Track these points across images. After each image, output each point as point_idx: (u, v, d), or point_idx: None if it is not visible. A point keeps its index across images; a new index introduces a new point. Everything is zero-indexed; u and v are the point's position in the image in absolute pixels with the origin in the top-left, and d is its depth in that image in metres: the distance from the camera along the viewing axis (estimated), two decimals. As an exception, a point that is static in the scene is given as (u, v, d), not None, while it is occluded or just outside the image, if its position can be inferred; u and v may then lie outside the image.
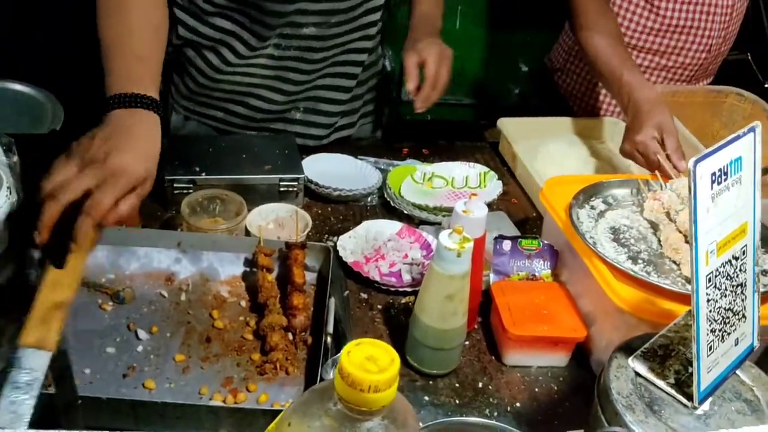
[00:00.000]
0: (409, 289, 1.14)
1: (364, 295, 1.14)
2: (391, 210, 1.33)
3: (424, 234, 1.24)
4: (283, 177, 1.26)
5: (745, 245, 0.72)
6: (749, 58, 3.18)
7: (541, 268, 1.14)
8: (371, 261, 1.19)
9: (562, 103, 1.73)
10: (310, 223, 1.20)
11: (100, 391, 0.90)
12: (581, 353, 1.06)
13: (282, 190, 1.26)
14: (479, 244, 1.01)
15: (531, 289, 1.10)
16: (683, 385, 0.73)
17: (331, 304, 1.01)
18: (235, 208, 1.16)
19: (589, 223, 1.09)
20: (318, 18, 1.33)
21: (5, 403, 0.67)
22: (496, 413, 0.97)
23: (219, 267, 1.11)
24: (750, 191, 0.71)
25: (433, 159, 1.48)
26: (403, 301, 1.14)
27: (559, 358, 1.05)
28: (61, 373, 0.77)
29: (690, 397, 0.71)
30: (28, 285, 0.86)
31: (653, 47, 1.55)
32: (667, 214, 1.08)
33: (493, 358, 1.06)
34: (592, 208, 1.13)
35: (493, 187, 1.36)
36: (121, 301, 1.04)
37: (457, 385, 1.01)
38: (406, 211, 1.30)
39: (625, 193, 1.17)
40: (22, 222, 0.96)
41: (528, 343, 1.03)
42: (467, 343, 1.07)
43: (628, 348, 0.78)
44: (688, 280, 0.95)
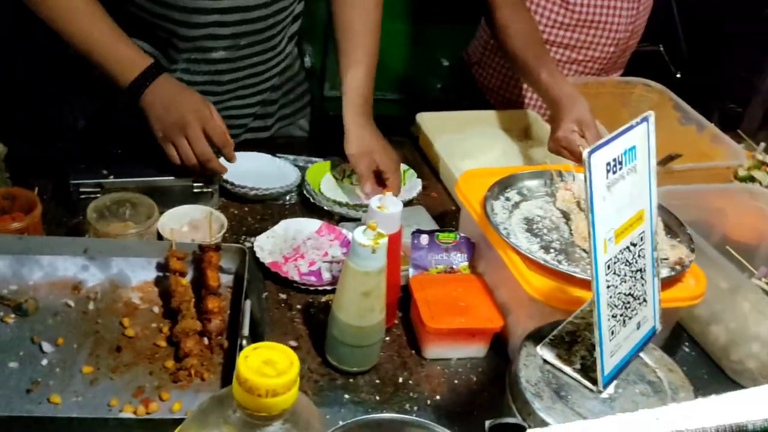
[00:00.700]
0: (329, 288, 1.13)
1: (283, 296, 1.12)
2: (311, 208, 1.31)
3: (344, 231, 1.24)
4: (196, 178, 1.22)
5: (643, 232, 0.75)
6: (661, 49, 3.31)
7: (459, 261, 1.15)
8: (290, 260, 1.18)
9: (480, 97, 1.75)
10: (226, 225, 1.18)
11: (3, 409, 0.86)
12: (499, 343, 1.07)
13: (196, 191, 1.23)
14: (395, 239, 1.01)
15: (449, 282, 1.11)
16: (589, 370, 0.75)
17: (247, 306, 0.99)
18: (146, 211, 1.13)
19: (504, 214, 1.11)
20: (228, 42, 1.31)
21: None
22: (416, 407, 0.97)
23: (130, 273, 1.07)
24: (645, 179, 0.74)
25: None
26: (323, 299, 1.13)
27: (477, 349, 1.06)
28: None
29: (595, 381, 0.73)
30: None
31: (564, 41, 1.59)
32: (578, 204, 1.11)
33: (413, 352, 1.06)
34: (507, 199, 1.15)
35: (413, 185, 1.36)
36: (24, 313, 0.99)
37: (377, 381, 1.01)
38: (326, 208, 1.29)
39: (539, 184, 1.19)
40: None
41: (446, 335, 1.03)
42: (387, 338, 1.07)
43: (537, 336, 0.80)
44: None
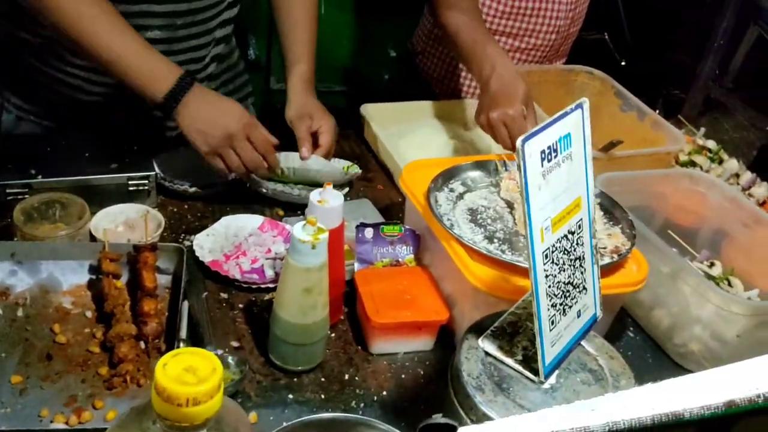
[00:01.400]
0: (272, 285, 1.10)
1: (225, 295, 1.09)
2: (253, 204, 1.28)
3: (288, 227, 1.21)
4: (131, 175, 1.18)
5: (581, 219, 0.74)
6: (606, 38, 3.36)
7: (405, 254, 1.14)
8: (231, 259, 1.14)
9: (425, 87, 1.74)
10: (164, 223, 1.14)
11: None
12: (447, 335, 1.06)
13: (132, 189, 1.19)
14: (336, 234, 0.99)
15: (394, 276, 1.09)
16: (531, 360, 0.74)
17: (184, 307, 0.96)
18: (77, 211, 1.08)
19: (448, 205, 1.09)
20: (162, 20, 1.26)
21: None
22: (362, 404, 0.95)
23: (60, 277, 1.03)
24: (581, 167, 0.73)
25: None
26: (267, 297, 1.10)
27: (424, 342, 1.05)
28: None
29: (537, 372, 0.72)
30: None
31: (506, 30, 1.58)
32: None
33: (359, 348, 1.05)
34: (451, 190, 1.13)
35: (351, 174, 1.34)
36: (-54, 323, 0.94)
37: (323, 379, 0.99)
38: (269, 193, 1.26)
39: (483, 174, 1.18)
40: None
41: (392, 330, 1.02)
42: (333, 335, 1.05)
43: (479, 328, 0.79)
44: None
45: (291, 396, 0.95)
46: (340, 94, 2.47)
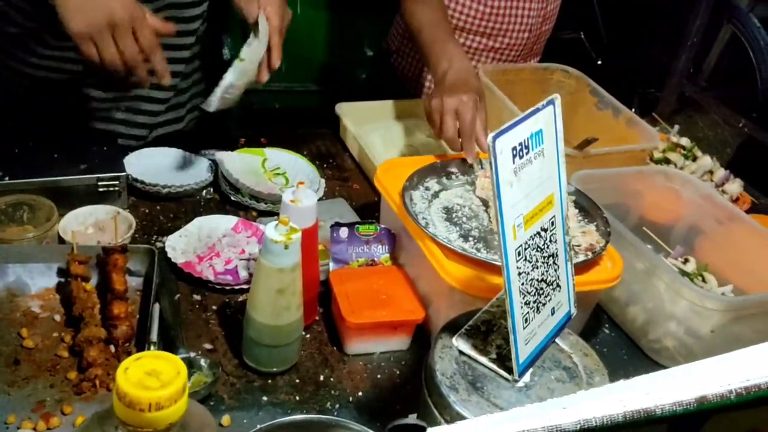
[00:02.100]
0: (246, 287, 1.09)
1: (198, 297, 1.08)
2: (227, 204, 1.26)
3: (262, 227, 1.19)
4: (101, 176, 1.16)
5: (554, 216, 0.74)
6: (582, 37, 3.38)
7: (380, 253, 1.13)
8: (205, 260, 1.13)
9: (401, 86, 1.73)
10: (134, 225, 1.12)
11: None
12: (423, 335, 1.05)
13: (101, 190, 1.16)
14: (310, 233, 0.98)
15: (370, 275, 1.08)
16: (505, 359, 0.73)
17: (155, 310, 0.94)
18: (45, 213, 1.06)
19: (423, 204, 1.09)
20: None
21: None
22: (337, 405, 0.94)
23: (28, 280, 1.00)
24: (554, 163, 0.73)
25: (272, 148, 1.43)
26: (240, 299, 1.08)
27: (400, 342, 1.04)
28: None
29: (511, 370, 0.72)
30: None
31: (480, 29, 1.58)
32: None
33: (335, 348, 1.03)
34: (427, 189, 1.13)
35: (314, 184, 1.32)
36: None
37: (297, 380, 0.97)
38: (243, 203, 1.25)
39: (458, 172, 1.17)
40: None
41: (368, 330, 1.01)
42: (308, 336, 1.04)
43: (453, 327, 0.78)
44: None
45: (265, 398, 0.94)
46: (316, 93, 2.45)
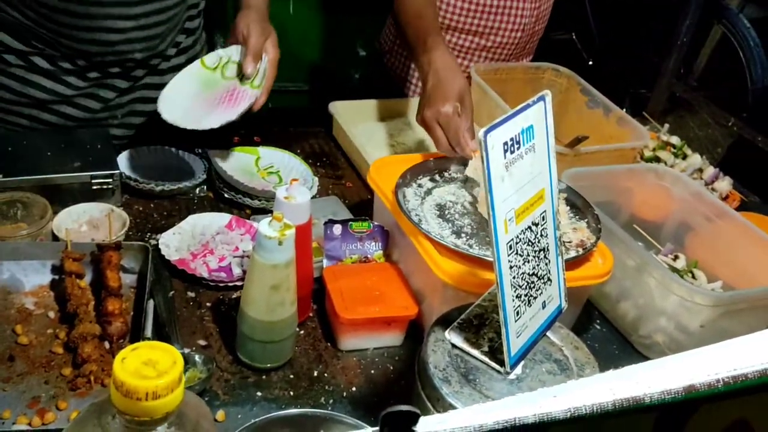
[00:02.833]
0: (240, 283, 1.09)
1: (192, 294, 1.08)
2: (221, 202, 1.27)
3: (255, 225, 1.20)
4: (95, 174, 1.16)
5: (545, 211, 0.75)
6: (574, 38, 3.40)
7: (373, 250, 1.14)
8: (198, 257, 1.13)
9: (393, 86, 1.74)
10: (128, 222, 1.12)
11: None
12: (416, 330, 1.06)
13: (95, 188, 1.17)
14: (304, 230, 0.98)
15: (363, 272, 1.09)
16: (497, 352, 0.74)
17: (150, 306, 0.95)
18: (39, 211, 1.06)
19: (416, 201, 1.10)
20: (145, 44, 1.26)
21: None
22: (332, 400, 0.95)
23: (23, 277, 1.01)
24: (545, 158, 0.74)
25: (265, 146, 1.43)
26: (234, 296, 1.09)
27: (393, 338, 1.05)
28: None
29: (503, 363, 0.73)
30: None
31: (471, 28, 1.59)
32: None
33: (328, 345, 1.04)
34: (419, 186, 1.14)
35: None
36: None
37: (291, 376, 0.98)
38: (236, 200, 1.26)
39: (451, 170, 1.18)
40: None
41: (361, 325, 1.01)
42: (302, 332, 1.05)
43: (445, 321, 0.79)
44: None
45: (259, 393, 0.94)
46: (309, 93, 2.46)
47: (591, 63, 3.19)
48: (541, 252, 0.75)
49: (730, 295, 1.10)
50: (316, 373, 0.99)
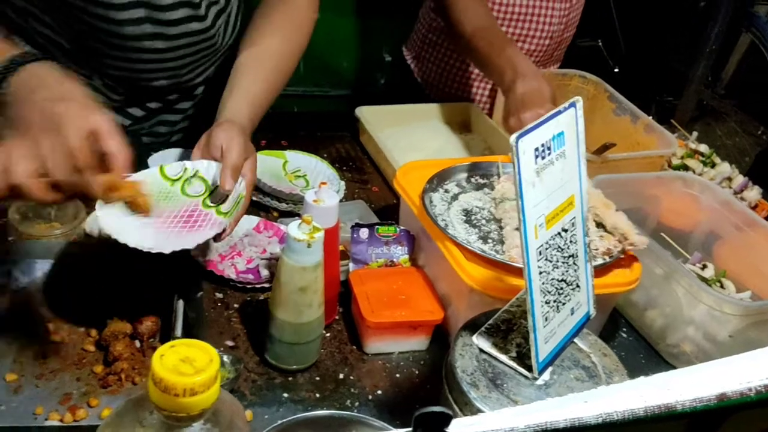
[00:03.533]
0: (267, 285, 1.11)
1: (220, 295, 1.09)
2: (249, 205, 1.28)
3: (283, 227, 1.21)
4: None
5: (574, 217, 0.75)
6: (600, 44, 3.38)
7: (399, 254, 1.14)
8: (227, 259, 1.15)
9: (420, 91, 1.75)
10: (159, 223, 1.14)
11: None
12: (442, 335, 1.07)
13: (127, 190, 1.18)
14: (332, 233, 0.99)
15: (389, 276, 1.09)
16: (525, 357, 0.75)
17: (179, 306, 0.96)
18: (73, 211, 1.08)
19: (443, 206, 1.10)
20: (170, 73, 1.28)
21: None
22: (357, 403, 0.96)
23: (55, 276, 1.03)
24: (575, 165, 0.74)
25: (292, 150, 1.45)
26: (262, 297, 1.10)
27: (419, 342, 1.05)
28: None
29: (530, 368, 0.73)
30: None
31: (499, 35, 1.59)
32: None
33: (354, 348, 1.05)
34: (446, 191, 1.14)
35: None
36: (-60, 321, 0.94)
37: (317, 378, 0.99)
38: (263, 202, 1.27)
39: (478, 175, 1.19)
40: None
41: (387, 329, 1.02)
42: (328, 334, 1.06)
43: (473, 326, 0.79)
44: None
45: (286, 395, 0.95)
46: (336, 97, 2.48)
47: (617, 70, 3.17)
48: (570, 258, 0.75)
49: (759, 305, 1.08)
50: (341, 376, 1.00)
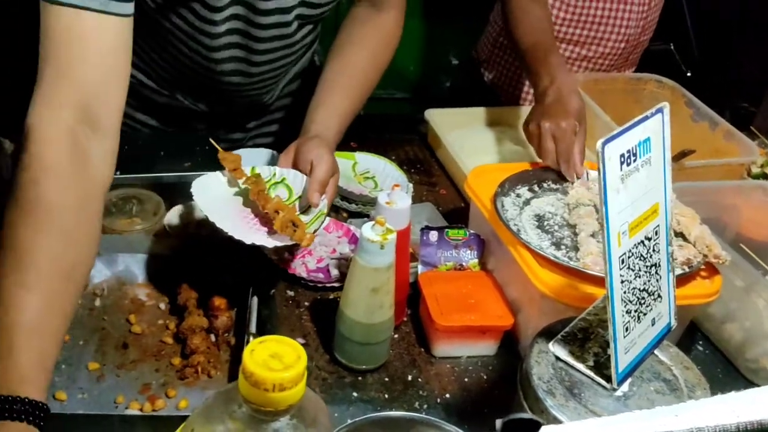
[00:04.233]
0: (337, 285, 1.12)
1: (291, 293, 1.11)
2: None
3: (353, 228, 1.22)
4: (202, 174, 1.21)
5: (658, 226, 0.73)
6: (672, 48, 3.28)
7: (469, 258, 1.14)
8: (298, 257, 1.16)
9: (489, 95, 1.74)
10: (233, 221, 1.17)
11: (8, 406, 0.85)
12: (510, 341, 1.06)
13: (204, 187, 1.21)
14: (403, 235, 1.00)
15: (458, 279, 1.09)
16: (602, 367, 0.73)
17: (254, 302, 0.98)
18: (153, 207, 1.12)
19: (514, 210, 1.09)
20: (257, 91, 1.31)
21: None
22: (425, 405, 0.96)
23: (136, 270, 1.06)
24: (660, 172, 0.72)
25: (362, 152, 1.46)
26: (332, 296, 1.11)
27: (487, 347, 1.04)
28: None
29: (609, 378, 0.71)
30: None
31: (572, 38, 1.57)
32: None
33: (422, 350, 1.05)
34: (518, 196, 1.13)
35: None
36: (30, 309, 0.98)
37: (386, 379, 0.99)
38: (333, 203, 1.29)
39: (550, 180, 1.17)
40: None
41: (456, 333, 1.02)
42: (396, 336, 1.06)
43: (549, 333, 0.78)
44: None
45: (355, 394, 0.96)
46: (402, 100, 2.49)
47: (690, 75, 3.08)
48: (653, 267, 0.73)
49: None
50: (410, 378, 1.00)
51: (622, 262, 0.68)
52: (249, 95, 1.33)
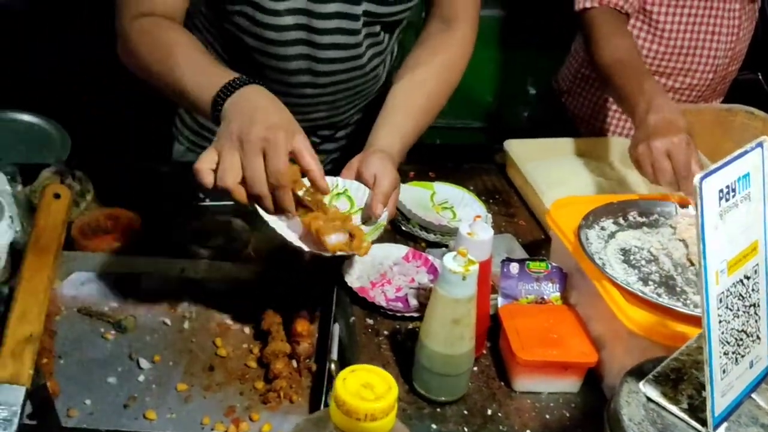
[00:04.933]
0: (415, 314, 1.12)
1: (370, 321, 1.12)
2: (397, 234, 1.31)
3: (431, 258, 1.23)
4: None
5: (757, 264, 0.70)
6: (760, 77, 3.16)
7: (550, 291, 1.12)
8: (377, 286, 1.18)
9: (570, 126, 1.72)
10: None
11: (100, 423, 0.89)
12: (593, 378, 1.03)
13: (288, 217, 1.25)
14: (485, 267, 0.99)
15: (540, 313, 1.07)
16: (697, 410, 0.70)
17: (336, 330, 0.99)
18: (237, 233, 1.15)
19: (599, 244, 1.07)
20: (327, 106, 1.33)
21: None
22: (506, 441, 0.94)
23: (221, 294, 1.10)
24: (760, 208, 0.69)
25: (440, 182, 1.46)
26: (410, 326, 1.12)
27: (570, 384, 1.02)
28: (42, 405, 0.76)
29: (704, 422, 0.69)
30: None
31: (659, 69, 1.54)
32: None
33: (502, 384, 1.03)
34: (602, 229, 1.11)
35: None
36: (123, 329, 1.03)
37: (465, 412, 0.98)
38: (413, 233, 1.29)
39: (635, 213, 1.14)
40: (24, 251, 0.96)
41: (537, 368, 1.00)
42: (476, 368, 1.05)
43: (639, 372, 0.76)
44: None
45: (434, 426, 0.96)
46: (478, 130, 2.49)
47: (779, 105, 2.95)
48: (752, 307, 0.70)
49: None
50: (489, 412, 0.99)
51: (720, 301, 0.66)
52: (318, 109, 1.35)
